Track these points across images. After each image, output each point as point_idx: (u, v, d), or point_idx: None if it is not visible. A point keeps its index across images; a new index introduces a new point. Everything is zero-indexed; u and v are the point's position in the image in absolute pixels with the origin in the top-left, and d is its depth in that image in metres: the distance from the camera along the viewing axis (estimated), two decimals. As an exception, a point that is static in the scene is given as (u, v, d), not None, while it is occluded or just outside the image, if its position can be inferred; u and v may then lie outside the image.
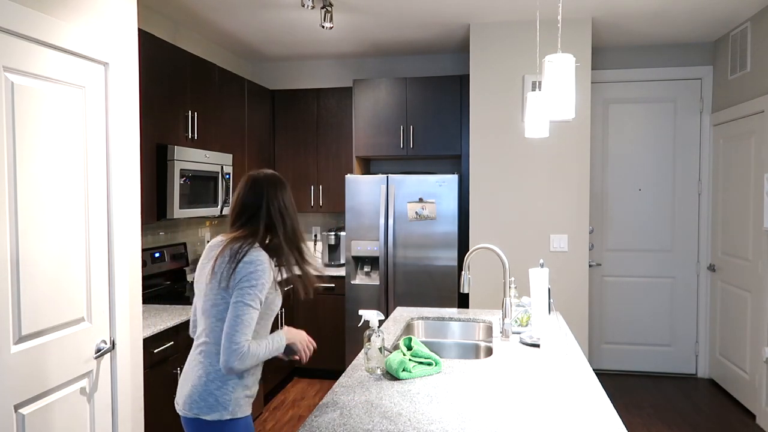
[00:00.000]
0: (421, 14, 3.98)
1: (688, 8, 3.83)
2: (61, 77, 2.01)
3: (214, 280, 1.79)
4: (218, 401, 1.75)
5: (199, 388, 1.77)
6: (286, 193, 1.89)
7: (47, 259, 1.95)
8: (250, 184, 1.87)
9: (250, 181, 1.88)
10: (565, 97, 1.89)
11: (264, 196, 1.85)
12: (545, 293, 2.24)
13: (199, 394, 1.77)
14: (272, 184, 1.87)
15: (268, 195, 1.85)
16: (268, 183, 1.87)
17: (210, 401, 1.75)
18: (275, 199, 1.86)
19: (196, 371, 1.80)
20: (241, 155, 4.46)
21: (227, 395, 1.76)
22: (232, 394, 1.77)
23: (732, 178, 4.35)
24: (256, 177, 1.89)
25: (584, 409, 1.72)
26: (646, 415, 4.02)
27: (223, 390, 1.76)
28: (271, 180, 1.89)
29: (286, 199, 1.88)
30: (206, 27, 4.28)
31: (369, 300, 4.47)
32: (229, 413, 1.76)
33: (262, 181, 1.87)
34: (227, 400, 1.76)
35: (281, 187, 1.89)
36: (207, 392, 1.76)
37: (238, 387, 1.78)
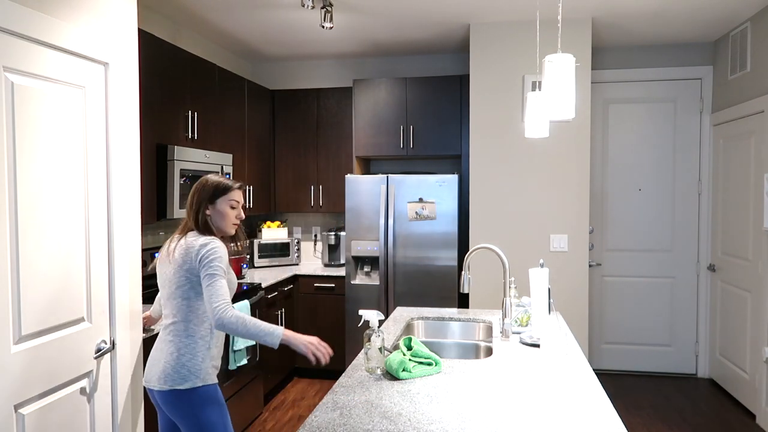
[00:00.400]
0: (421, 14, 3.98)
1: (688, 8, 3.83)
2: (61, 77, 2.01)
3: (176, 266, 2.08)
4: (190, 371, 2.03)
5: (172, 362, 2.04)
6: (197, 196, 2.18)
7: (47, 259, 1.95)
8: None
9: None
10: (565, 97, 1.89)
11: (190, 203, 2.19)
12: (545, 293, 2.24)
13: (172, 368, 2.03)
14: (195, 186, 2.20)
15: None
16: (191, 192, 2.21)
17: (183, 372, 2.03)
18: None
19: (167, 349, 2.07)
20: (241, 155, 4.46)
21: (197, 365, 2.05)
22: (201, 364, 2.06)
23: (732, 178, 4.35)
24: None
25: (584, 409, 1.72)
26: (646, 415, 4.02)
27: (194, 361, 2.04)
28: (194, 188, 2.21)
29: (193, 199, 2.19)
30: (206, 27, 4.28)
31: (369, 300, 4.47)
32: (200, 380, 2.04)
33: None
34: (198, 369, 2.04)
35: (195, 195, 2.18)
36: (179, 365, 2.04)
37: (206, 357, 2.08)
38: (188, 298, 2.06)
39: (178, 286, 2.07)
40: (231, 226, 2.18)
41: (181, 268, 2.06)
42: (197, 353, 2.06)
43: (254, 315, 3.78)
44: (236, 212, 2.18)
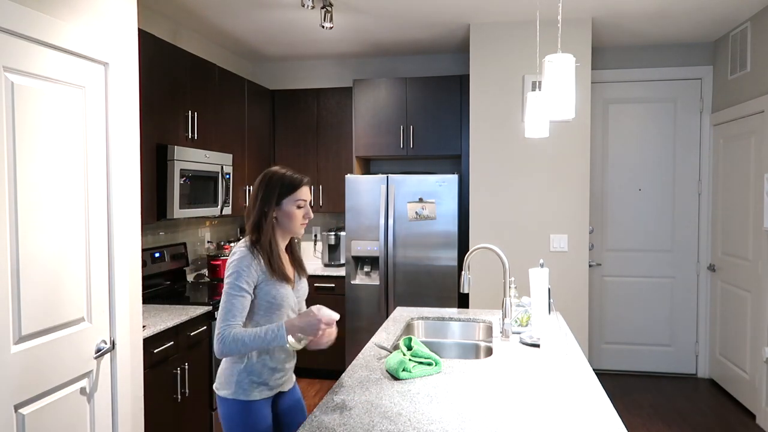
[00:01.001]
0: (421, 14, 3.98)
1: (688, 8, 3.83)
2: (61, 77, 2.01)
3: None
4: (227, 381, 1.94)
5: (220, 366, 1.99)
6: (262, 192, 1.97)
7: (47, 259, 1.95)
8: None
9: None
10: (565, 97, 1.89)
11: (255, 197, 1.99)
12: (545, 293, 2.23)
13: (219, 372, 1.99)
14: (258, 182, 2.00)
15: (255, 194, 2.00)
16: (257, 183, 2.00)
17: (221, 380, 1.96)
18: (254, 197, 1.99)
19: None
20: (241, 155, 4.46)
21: (232, 377, 1.93)
22: (235, 377, 1.92)
23: (732, 178, 4.35)
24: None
25: (584, 409, 1.72)
26: (646, 415, 4.02)
27: (229, 372, 1.94)
28: (259, 178, 2.01)
29: (259, 193, 1.97)
30: (206, 27, 4.28)
31: (369, 300, 4.47)
32: (232, 393, 1.92)
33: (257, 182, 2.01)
34: (232, 382, 1.93)
35: (259, 188, 1.98)
36: (221, 371, 1.98)
37: (242, 372, 1.92)
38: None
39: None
40: (299, 227, 1.99)
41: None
42: (233, 366, 1.93)
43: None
44: (303, 211, 1.99)
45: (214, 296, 3.53)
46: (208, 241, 4.55)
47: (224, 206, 4.00)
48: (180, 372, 2.99)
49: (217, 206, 3.92)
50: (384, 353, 2.32)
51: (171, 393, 2.92)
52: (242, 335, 1.80)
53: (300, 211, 1.98)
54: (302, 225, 2.00)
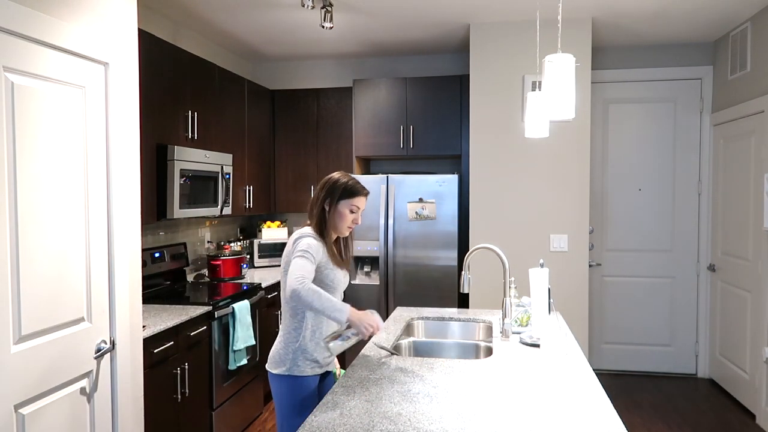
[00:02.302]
0: (421, 14, 3.98)
1: (688, 8, 3.83)
2: (61, 77, 2.01)
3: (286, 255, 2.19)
4: (282, 359, 2.16)
5: (274, 348, 2.22)
6: (327, 189, 2.26)
7: (47, 258, 1.95)
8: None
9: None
10: (565, 97, 1.89)
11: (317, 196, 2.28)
12: (545, 293, 2.23)
13: (271, 353, 2.22)
14: (325, 182, 2.29)
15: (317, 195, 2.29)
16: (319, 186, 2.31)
17: (276, 359, 2.18)
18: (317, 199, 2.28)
19: (279, 334, 2.24)
20: (241, 155, 4.46)
21: (288, 355, 2.15)
22: (291, 355, 2.15)
23: (732, 178, 4.35)
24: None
25: (584, 409, 1.72)
26: (646, 415, 4.02)
27: (284, 351, 2.17)
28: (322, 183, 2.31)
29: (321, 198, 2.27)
30: (206, 27, 4.28)
31: (369, 300, 4.47)
32: (286, 370, 2.14)
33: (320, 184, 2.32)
34: (287, 359, 2.15)
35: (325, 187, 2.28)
36: (275, 351, 2.20)
37: (297, 350, 2.15)
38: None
39: (284, 272, 2.17)
40: (346, 229, 2.24)
41: (285, 257, 2.18)
42: (289, 345, 2.16)
43: (254, 315, 3.79)
44: (354, 216, 2.23)
45: (214, 296, 3.53)
46: (208, 241, 4.55)
47: (224, 206, 4.00)
48: (180, 372, 2.99)
49: (217, 206, 3.92)
50: (384, 353, 2.32)
51: (171, 393, 2.92)
52: (318, 289, 1.99)
53: (351, 215, 2.23)
54: (349, 227, 2.25)
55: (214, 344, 3.33)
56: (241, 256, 4.28)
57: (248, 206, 4.58)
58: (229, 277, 4.18)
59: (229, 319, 3.48)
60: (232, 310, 3.47)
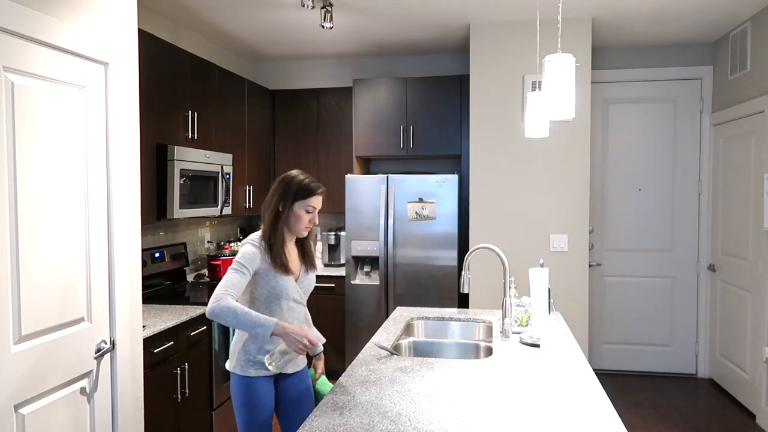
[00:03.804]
0: (421, 14, 3.98)
1: (688, 8, 3.83)
2: (61, 77, 2.01)
3: None
4: (232, 356, 2.20)
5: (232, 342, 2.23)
6: (279, 191, 2.19)
7: (47, 258, 1.95)
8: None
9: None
10: (565, 97, 1.89)
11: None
12: (545, 293, 2.24)
13: (231, 347, 2.22)
14: (278, 182, 2.21)
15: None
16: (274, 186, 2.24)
17: (231, 354, 2.21)
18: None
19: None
20: (241, 155, 4.46)
21: (234, 354, 2.19)
22: (237, 354, 2.17)
23: (732, 178, 4.35)
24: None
25: (584, 409, 1.72)
26: (646, 415, 4.02)
27: (233, 348, 2.20)
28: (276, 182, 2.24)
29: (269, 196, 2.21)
30: (206, 27, 4.28)
31: (369, 300, 4.47)
32: (233, 367, 2.18)
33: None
34: (234, 358, 2.18)
35: (278, 187, 2.20)
36: (231, 346, 2.22)
37: (240, 350, 2.16)
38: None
39: None
40: (303, 230, 2.21)
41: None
42: (238, 342, 2.18)
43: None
44: (310, 216, 2.19)
45: (214, 296, 3.53)
46: (208, 241, 4.55)
47: (224, 206, 4.00)
48: (180, 372, 2.99)
49: (217, 206, 3.92)
50: (384, 353, 2.32)
51: (171, 393, 2.92)
52: (235, 307, 1.95)
53: (307, 216, 2.18)
54: (306, 228, 2.21)
55: (214, 344, 3.33)
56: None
57: (248, 206, 4.59)
58: (229, 277, 4.17)
59: (229, 319, 3.47)
60: (232, 310, 3.46)
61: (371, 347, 2.41)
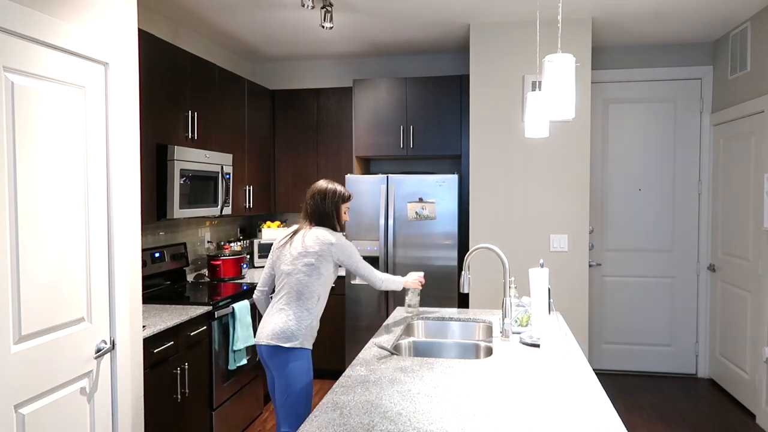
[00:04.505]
0: (421, 14, 3.98)
1: (688, 8, 3.83)
2: (61, 77, 2.01)
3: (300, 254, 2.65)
4: (294, 334, 2.53)
5: (281, 325, 2.55)
6: (332, 198, 2.78)
7: (47, 258, 1.95)
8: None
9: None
10: (565, 97, 1.89)
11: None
12: (545, 293, 2.24)
13: (281, 329, 2.54)
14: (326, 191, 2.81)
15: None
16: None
17: (287, 334, 2.53)
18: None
19: (280, 315, 2.58)
20: (241, 155, 4.46)
21: (301, 330, 2.54)
22: (304, 331, 2.55)
23: (732, 178, 4.35)
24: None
25: (584, 409, 1.72)
26: (646, 415, 4.02)
27: (299, 326, 2.54)
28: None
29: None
30: (206, 27, 4.28)
31: (369, 300, 4.47)
32: (299, 343, 2.53)
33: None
34: (300, 334, 2.54)
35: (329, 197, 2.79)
36: (286, 328, 2.54)
37: (308, 328, 2.57)
38: (309, 275, 2.57)
39: (304, 264, 2.58)
40: (344, 224, 2.84)
41: (310, 252, 2.59)
42: (302, 322, 2.55)
43: (254, 315, 3.79)
44: (347, 213, 2.85)
45: (214, 296, 3.53)
46: (208, 241, 4.55)
47: (224, 206, 4.00)
48: (180, 372, 2.99)
49: (217, 206, 3.92)
50: (384, 353, 2.32)
51: (171, 393, 2.92)
52: (387, 278, 2.81)
53: (346, 214, 2.81)
54: (345, 221, 2.84)
55: (214, 344, 3.33)
56: (241, 256, 4.28)
57: (248, 206, 4.59)
58: (229, 277, 4.19)
59: (229, 319, 3.48)
60: (232, 310, 3.47)
61: (371, 347, 2.41)
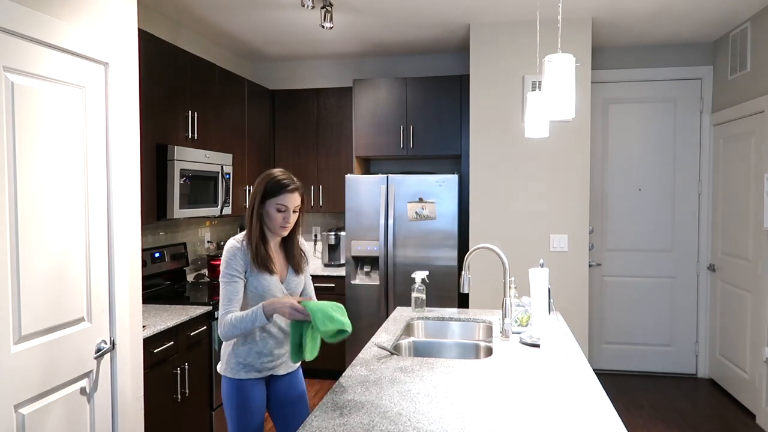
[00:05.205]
0: (421, 14, 3.98)
1: (688, 8, 3.83)
2: (61, 77, 2.01)
3: None
4: (222, 359, 2.18)
5: (224, 347, 2.19)
6: (254, 191, 2.15)
7: (47, 258, 1.95)
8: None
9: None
10: (565, 97, 1.89)
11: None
12: (545, 293, 2.24)
13: (222, 351, 2.19)
14: (257, 180, 2.16)
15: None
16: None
17: (221, 356, 2.19)
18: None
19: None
20: (241, 155, 4.46)
21: (224, 357, 2.17)
22: (226, 357, 2.15)
23: (732, 178, 4.35)
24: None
25: (584, 409, 1.72)
26: (646, 415, 4.02)
27: (223, 352, 2.18)
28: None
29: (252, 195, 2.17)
30: (206, 27, 4.28)
31: (369, 300, 4.47)
32: (223, 370, 2.16)
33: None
34: (224, 361, 2.17)
35: (255, 187, 2.15)
36: (221, 349, 2.20)
37: (230, 354, 2.14)
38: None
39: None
40: (279, 229, 2.10)
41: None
42: (227, 345, 2.16)
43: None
44: (284, 215, 2.08)
45: (213, 296, 3.53)
46: (208, 241, 4.55)
47: (224, 206, 4.00)
48: (180, 372, 2.99)
49: (217, 206, 3.92)
50: (384, 353, 2.32)
51: (171, 393, 2.92)
52: (231, 318, 1.99)
53: (279, 215, 2.08)
54: (282, 227, 2.11)
55: (214, 344, 3.33)
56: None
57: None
58: (229, 277, 4.18)
59: (229, 319, 3.47)
60: (232, 310, 3.46)
61: (371, 347, 2.41)
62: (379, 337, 2.57)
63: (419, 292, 3.03)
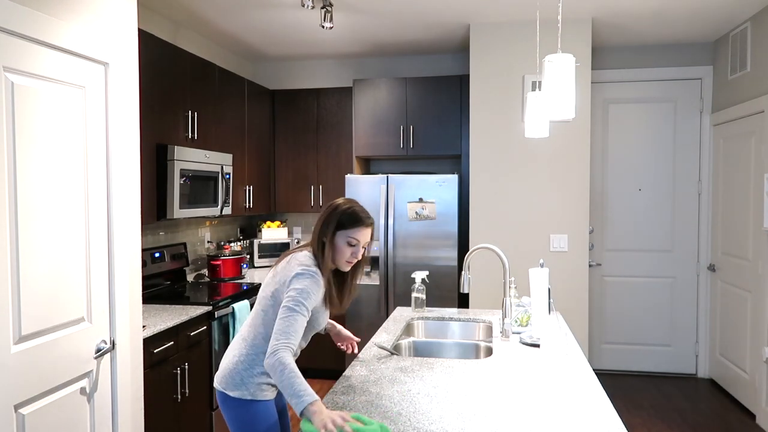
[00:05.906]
0: (421, 14, 3.98)
1: (688, 8, 3.83)
2: (61, 77, 2.01)
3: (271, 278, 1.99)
4: (238, 382, 1.92)
5: (231, 366, 1.95)
6: (323, 219, 2.02)
7: (47, 258, 1.95)
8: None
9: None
10: (565, 97, 1.89)
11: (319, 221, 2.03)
12: (545, 293, 2.24)
13: (229, 372, 1.94)
14: (324, 209, 2.05)
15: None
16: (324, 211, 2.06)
17: (230, 381, 1.93)
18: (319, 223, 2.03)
19: (233, 352, 1.98)
20: (241, 155, 4.46)
21: (244, 379, 1.92)
22: (254, 379, 1.92)
23: (732, 178, 4.35)
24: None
25: (584, 409, 1.72)
26: (646, 415, 4.02)
27: (241, 375, 1.92)
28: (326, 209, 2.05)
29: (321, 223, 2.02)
30: (206, 27, 4.28)
31: (369, 300, 4.47)
32: (249, 394, 1.91)
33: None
34: (250, 383, 1.92)
35: (323, 214, 2.03)
36: (230, 372, 1.94)
37: (258, 375, 1.92)
38: (266, 311, 1.93)
39: (265, 296, 1.95)
40: (344, 264, 1.98)
41: (274, 279, 1.94)
42: (255, 367, 1.92)
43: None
44: (353, 250, 1.96)
45: (214, 296, 3.53)
46: (208, 241, 4.55)
47: (224, 206, 4.00)
48: (180, 372, 2.99)
49: (217, 206, 3.92)
50: (384, 353, 2.32)
51: (171, 393, 2.92)
52: (285, 365, 1.70)
53: (348, 249, 1.96)
54: (348, 262, 1.99)
55: (214, 344, 3.33)
56: (241, 256, 4.28)
57: (248, 206, 4.59)
58: (229, 277, 4.18)
59: (229, 319, 3.48)
60: (232, 310, 3.47)
61: (371, 347, 2.41)
62: (379, 337, 2.57)
63: (419, 292, 3.01)
